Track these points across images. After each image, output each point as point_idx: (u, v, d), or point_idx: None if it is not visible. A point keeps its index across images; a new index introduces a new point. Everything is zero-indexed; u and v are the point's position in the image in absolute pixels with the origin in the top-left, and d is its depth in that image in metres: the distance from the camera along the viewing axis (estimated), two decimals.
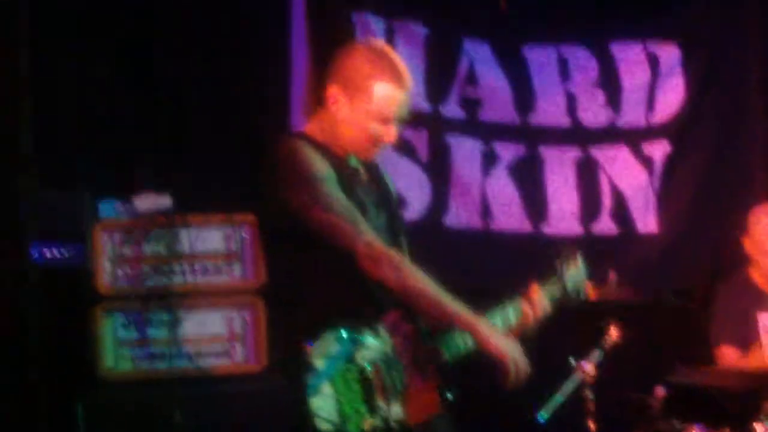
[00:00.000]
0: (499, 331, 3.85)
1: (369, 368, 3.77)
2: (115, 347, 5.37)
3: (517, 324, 4.08)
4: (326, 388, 3.72)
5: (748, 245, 5.78)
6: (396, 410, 3.82)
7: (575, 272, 4.33)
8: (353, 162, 4.00)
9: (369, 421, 3.76)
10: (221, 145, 5.92)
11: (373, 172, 4.10)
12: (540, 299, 4.15)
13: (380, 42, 4.15)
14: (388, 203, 4.11)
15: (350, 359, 3.77)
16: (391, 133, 3.95)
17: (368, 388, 3.78)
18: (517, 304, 4.09)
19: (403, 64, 3.94)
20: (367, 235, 3.77)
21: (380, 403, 3.79)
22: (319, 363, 3.73)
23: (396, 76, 3.91)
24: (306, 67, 6.12)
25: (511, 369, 3.77)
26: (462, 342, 3.94)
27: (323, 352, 3.74)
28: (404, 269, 3.77)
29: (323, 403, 3.71)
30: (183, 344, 5.44)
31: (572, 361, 4.98)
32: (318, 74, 5.48)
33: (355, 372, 3.76)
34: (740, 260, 5.84)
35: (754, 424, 4.76)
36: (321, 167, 3.83)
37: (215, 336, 5.48)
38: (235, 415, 5.26)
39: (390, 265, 3.76)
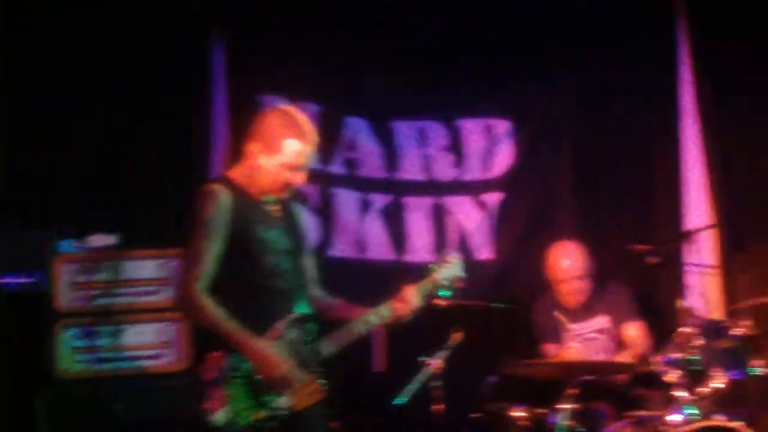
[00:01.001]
0: (270, 352, 3.84)
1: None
2: (70, 353, 5.39)
3: (392, 317, 4.14)
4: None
5: (547, 272, 6.02)
6: (284, 402, 3.86)
7: (448, 270, 4.34)
8: (270, 200, 4.05)
9: (257, 414, 3.81)
10: (158, 192, 5.95)
11: (286, 207, 4.14)
12: (411, 296, 4.18)
13: (290, 107, 4.19)
14: (295, 232, 4.15)
15: (240, 363, 3.84)
16: (299, 178, 4.02)
17: (256, 387, 3.82)
18: (389, 304, 4.14)
19: (309, 123, 4.03)
20: (194, 284, 3.84)
21: (268, 398, 3.83)
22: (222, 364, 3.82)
23: (302, 134, 3.99)
24: (226, 129, 6.22)
25: (273, 369, 3.83)
26: (328, 345, 4.03)
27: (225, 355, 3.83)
28: (204, 312, 3.84)
29: (218, 401, 3.78)
30: (124, 350, 5.47)
31: (423, 358, 5.06)
32: (237, 134, 5.47)
33: (242, 374, 3.83)
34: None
35: (559, 404, 4.88)
36: (213, 211, 3.89)
37: (149, 343, 5.51)
38: (164, 405, 5.31)
39: (194, 309, 3.87)
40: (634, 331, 5.85)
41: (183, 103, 6.13)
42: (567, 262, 5.92)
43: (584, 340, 5.82)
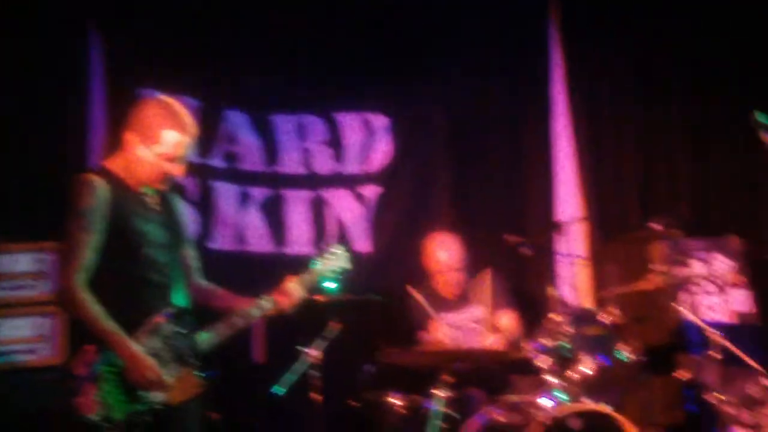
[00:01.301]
0: (141, 356, 3.79)
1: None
2: None
3: (274, 310, 4.14)
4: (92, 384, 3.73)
5: (425, 264, 6.09)
6: (159, 396, 3.82)
7: (332, 262, 4.34)
8: (148, 191, 4.00)
9: (131, 409, 3.77)
10: (33, 184, 5.84)
11: (164, 199, 4.09)
12: (293, 288, 4.18)
13: (168, 97, 4.09)
14: (173, 224, 4.09)
15: (114, 358, 3.78)
16: (178, 169, 3.98)
17: (127, 382, 3.78)
18: (272, 296, 4.14)
19: (188, 114, 3.98)
20: (73, 278, 3.78)
21: (142, 392, 3.79)
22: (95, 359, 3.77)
23: (181, 125, 3.94)
24: (103, 120, 6.12)
25: (142, 373, 3.78)
26: (208, 338, 4.01)
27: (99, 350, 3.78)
28: (83, 307, 3.78)
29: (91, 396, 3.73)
30: (1, 344, 5.38)
31: (301, 348, 5.11)
32: (115, 125, 5.42)
33: (115, 370, 3.78)
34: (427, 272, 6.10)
35: (434, 390, 4.91)
36: (91, 202, 3.83)
37: (25, 337, 5.44)
38: (38, 399, 5.20)
39: (73, 303, 3.79)
40: (507, 319, 5.95)
41: (59, 94, 6.01)
42: (445, 253, 5.99)
43: (460, 330, 5.89)
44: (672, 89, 6.99)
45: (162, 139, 3.92)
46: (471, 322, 5.95)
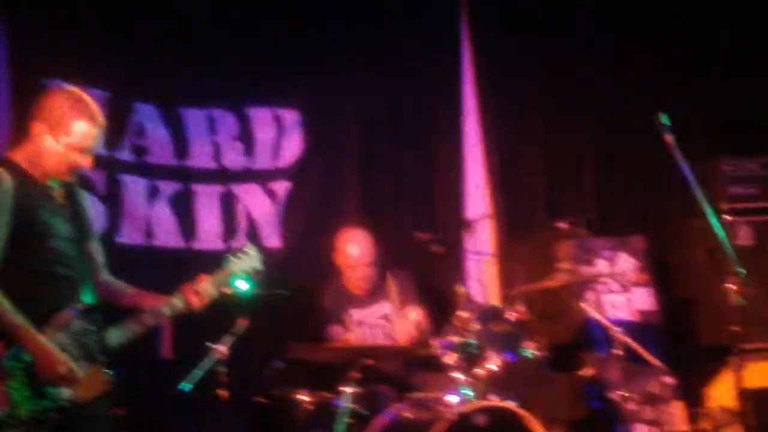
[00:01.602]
0: (50, 349, 3.73)
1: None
2: None
3: (184, 308, 4.09)
4: None
5: (335, 259, 6.07)
6: (66, 393, 3.77)
7: (244, 261, 4.31)
8: (54, 184, 3.93)
9: (38, 406, 3.71)
10: None
11: (70, 192, 4.03)
12: (205, 287, 4.14)
13: (77, 88, 4.02)
14: (79, 217, 4.03)
15: (21, 353, 3.72)
16: (86, 161, 3.92)
17: (37, 378, 3.71)
18: (183, 295, 4.10)
19: (96, 105, 3.93)
20: None
21: (49, 389, 3.73)
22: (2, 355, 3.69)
23: (91, 116, 3.89)
24: (8, 110, 5.97)
25: (52, 368, 3.73)
26: (117, 335, 3.97)
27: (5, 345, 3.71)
28: None
29: None
30: None
31: (209, 344, 5.06)
32: (20, 115, 5.22)
33: (22, 365, 3.72)
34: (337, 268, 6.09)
35: (342, 387, 4.90)
36: None
37: None
38: None
39: None
40: (415, 316, 5.93)
41: None
42: (356, 248, 5.98)
43: (369, 326, 5.89)
44: (579, 89, 7.07)
45: (72, 130, 3.86)
46: (378, 319, 5.94)
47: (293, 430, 5.18)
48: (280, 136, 6.73)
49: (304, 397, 5.22)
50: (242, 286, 4.43)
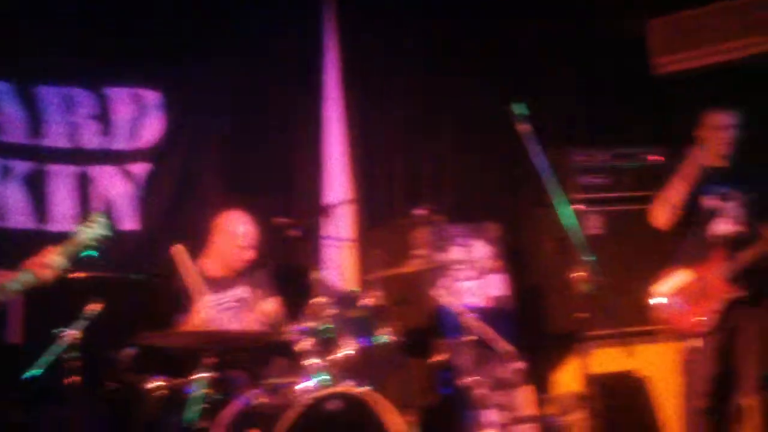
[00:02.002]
0: None
1: None
2: None
3: (34, 282, 4.04)
4: None
5: (216, 240, 5.94)
6: None
7: (93, 230, 4.25)
8: None
9: None
10: None
11: None
12: (53, 258, 4.06)
13: None
14: None
15: None
16: None
17: None
18: (31, 268, 3.99)
19: None
20: None
21: None
22: None
23: None
24: None
25: None
26: None
27: None
28: None
29: None
30: None
31: (59, 329, 4.86)
32: None
33: None
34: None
35: (195, 372, 4.83)
36: None
37: None
38: None
39: None
40: (271, 300, 5.90)
41: None
42: (242, 229, 5.89)
43: (223, 309, 5.80)
44: (438, 80, 7.15)
45: None
46: (233, 302, 5.86)
47: (145, 417, 5.08)
48: (140, 117, 6.58)
49: (157, 384, 5.12)
50: (91, 254, 4.38)
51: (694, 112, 5.83)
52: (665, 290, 5.51)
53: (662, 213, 5.67)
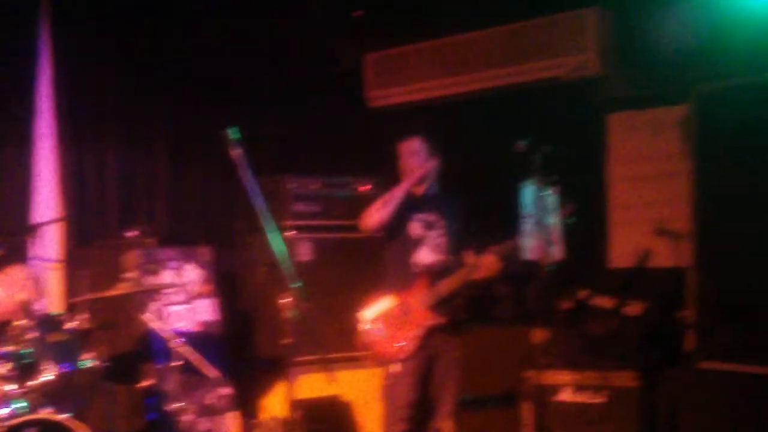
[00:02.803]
0: None
1: None
2: None
3: None
4: None
5: None
6: None
7: None
8: None
9: None
10: None
11: None
12: None
13: None
14: None
15: None
16: None
17: None
18: None
19: None
20: None
21: None
22: None
23: None
24: None
25: None
26: None
27: None
28: None
29: None
30: None
31: None
32: None
33: None
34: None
35: None
36: None
37: None
38: None
39: None
40: None
41: None
42: None
43: None
44: (156, 98, 7.02)
45: None
46: None
47: None
48: None
49: None
50: None
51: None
52: (370, 316, 5.59)
53: (376, 213, 5.59)
